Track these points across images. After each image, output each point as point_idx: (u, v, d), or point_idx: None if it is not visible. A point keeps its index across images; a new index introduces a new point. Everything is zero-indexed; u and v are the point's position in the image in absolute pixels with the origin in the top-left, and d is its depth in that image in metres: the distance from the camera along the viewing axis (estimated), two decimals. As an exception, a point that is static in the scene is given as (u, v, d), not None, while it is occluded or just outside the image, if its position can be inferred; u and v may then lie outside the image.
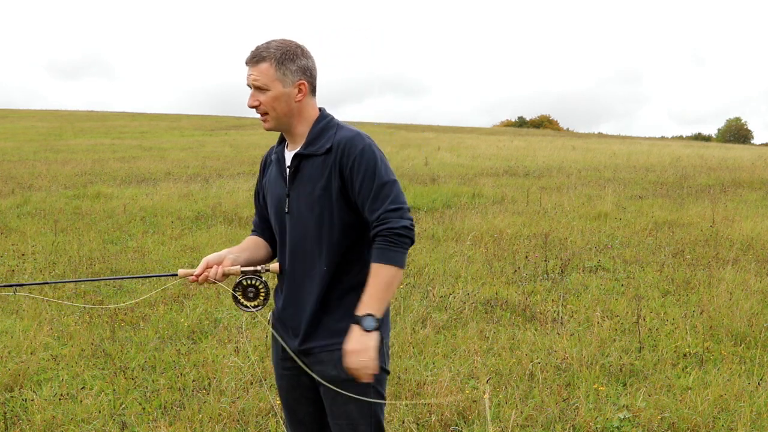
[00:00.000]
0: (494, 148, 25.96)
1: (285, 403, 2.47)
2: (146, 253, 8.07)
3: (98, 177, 16.07)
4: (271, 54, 2.21)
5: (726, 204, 11.63)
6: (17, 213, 10.79)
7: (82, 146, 26.36)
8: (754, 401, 3.96)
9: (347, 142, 2.22)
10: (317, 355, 2.28)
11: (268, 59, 2.21)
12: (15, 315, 5.70)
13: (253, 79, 2.22)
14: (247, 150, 24.62)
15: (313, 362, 2.29)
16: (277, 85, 2.22)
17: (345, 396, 2.21)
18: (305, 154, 2.27)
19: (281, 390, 2.46)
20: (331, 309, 2.28)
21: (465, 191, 13.03)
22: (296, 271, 2.32)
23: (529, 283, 6.67)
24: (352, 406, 2.24)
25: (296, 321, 2.32)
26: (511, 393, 4.09)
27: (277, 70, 2.21)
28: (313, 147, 2.26)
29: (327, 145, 2.24)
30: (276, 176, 2.36)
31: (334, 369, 2.23)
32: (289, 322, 2.35)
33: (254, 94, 2.25)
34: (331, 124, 2.30)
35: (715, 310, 5.56)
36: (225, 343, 4.95)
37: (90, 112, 61.66)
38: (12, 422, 3.78)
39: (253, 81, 2.23)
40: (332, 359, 2.24)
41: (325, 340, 2.27)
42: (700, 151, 28.85)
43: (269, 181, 2.40)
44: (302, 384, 2.38)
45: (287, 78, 2.23)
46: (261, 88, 2.23)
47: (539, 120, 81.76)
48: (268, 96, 2.23)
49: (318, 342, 2.28)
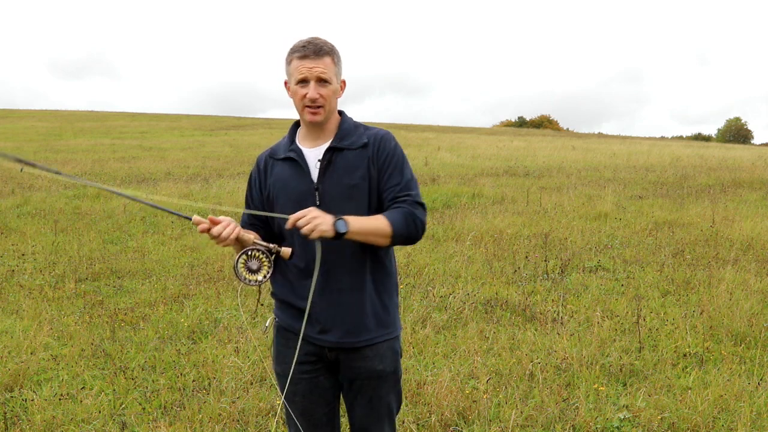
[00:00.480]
0: (494, 148, 25.96)
1: (300, 408, 2.40)
2: (146, 253, 8.07)
3: (98, 177, 16.07)
4: (330, 49, 2.29)
5: (726, 204, 11.63)
6: (17, 213, 10.79)
7: (82, 146, 26.37)
8: (754, 401, 3.96)
9: (383, 138, 2.36)
10: (361, 350, 2.32)
11: (330, 54, 2.29)
12: (15, 315, 5.71)
13: (320, 72, 2.26)
14: (247, 150, 24.62)
15: (354, 358, 2.33)
16: (335, 80, 2.31)
17: (387, 388, 2.39)
18: (340, 147, 2.33)
19: (296, 395, 2.39)
20: (374, 301, 2.34)
21: (465, 191, 13.03)
22: (335, 265, 2.29)
23: (529, 283, 6.67)
24: (392, 396, 2.43)
25: (334, 316, 2.31)
26: (511, 393, 4.09)
27: (335, 66, 2.31)
28: (347, 141, 2.34)
29: (363, 140, 2.34)
30: (293, 173, 2.35)
31: (380, 363, 2.35)
32: (323, 317, 2.31)
33: (316, 87, 2.27)
34: (358, 123, 2.42)
35: (715, 310, 5.56)
36: (225, 343, 4.95)
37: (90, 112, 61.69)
38: (12, 422, 3.78)
39: (320, 73, 2.26)
40: (378, 353, 2.34)
41: (370, 334, 2.33)
42: (700, 151, 28.85)
43: (280, 180, 2.37)
44: (320, 385, 2.39)
45: (339, 74, 2.34)
46: (325, 81, 2.28)
47: (539, 120, 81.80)
48: (328, 89, 2.29)
49: (363, 336, 2.32)
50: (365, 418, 2.41)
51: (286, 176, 2.36)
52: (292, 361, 2.34)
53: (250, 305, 5.91)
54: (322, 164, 2.32)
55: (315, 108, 2.29)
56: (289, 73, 2.33)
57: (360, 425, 2.43)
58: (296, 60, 2.27)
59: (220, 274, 6.97)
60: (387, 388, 2.39)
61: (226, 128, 42.60)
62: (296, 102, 2.32)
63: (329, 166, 2.32)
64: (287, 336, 2.40)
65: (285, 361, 2.38)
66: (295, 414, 2.42)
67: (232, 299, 6.12)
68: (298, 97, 2.30)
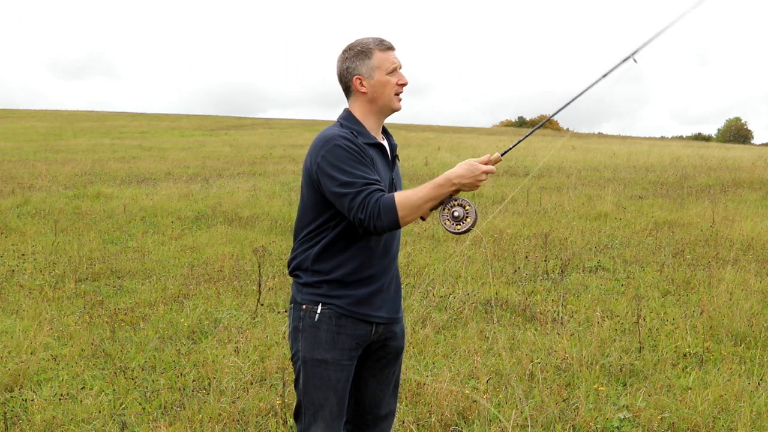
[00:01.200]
0: (494, 148, 25.96)
1: (340, 396, 2.46)
2: (146, 253, 8.07)
3: (98, 177, 16.08)
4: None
5: (726, 204, 11.63)
6: (17, 213, 10.79)
7: (82, 146, 26.37)
8: (754, 401, 3.96)
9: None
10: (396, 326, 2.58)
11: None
12: (15, 315, 5.70)
13: (400, 62, 2.48)
14: (247, 150, 24.63)
15: (389, 338, 2.57)
16: None
17: (400, 362, 2.66)
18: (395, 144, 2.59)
19: (339, 382, 2.45)
20: (398, 276, 2.61)
21: (465, 191, 13.01)
22: (396, 251, 2.56)
23: (529, 283, 6.67)
24: (399, 373, 2.69)
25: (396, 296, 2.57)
26: (511, 393, 4.09)
27: None
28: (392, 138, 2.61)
29: (393, 142, 2.60)
30: (381, 160, 2.48)
31: (402, 341, 2.64)
32: (392, 299, 2.54)
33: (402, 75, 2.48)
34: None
35: (715, 310, 5.56)
36: (225, 343, 4.95)
37: (90, 112, 61.71)
38: (12, 422, 3.77)
39: (401, 63, 2.48)
40: (403, 333, 2.64)
41: (401, 311, 2.63)
42: (700, 151, 28.86)
43: (374, 162, 2.44)
44: (352, 373, 2.51)
45: None
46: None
47: (539, 120, 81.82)
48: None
49: (401, 312, 2.62)
50: (380, 392, 2.62)
51: (377, 160, 2.46)
52: (344, 347, 2.44)
53: (250, 305, 5.91)
54: (392, 156, 2.54)
55: (399, 95, 2.48)
56: (372, 66, 2.42)
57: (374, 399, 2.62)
58: (380, 52, 2.42)
59: (220, 274, 6.97)
60: (400, 366, 2.69)
61: (226, 128, 42.61)
62: (386, 90, 2.44)
63: (395, 159, 2.58)
64: (342, 322, 2.44)
65: (336, 348, 2.44)
66: (332, 403, 2.46)
67: (232, 299, 6.12)
68: (390, 85, 2.44)
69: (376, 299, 2.47)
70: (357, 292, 2.43)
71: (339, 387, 2.46)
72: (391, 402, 2.65)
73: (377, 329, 2.50)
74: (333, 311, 2.42)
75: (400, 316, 2.59)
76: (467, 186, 2.35)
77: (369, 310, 2.46)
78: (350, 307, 2.43)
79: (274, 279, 6.67)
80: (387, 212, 2.26)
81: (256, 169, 18.36)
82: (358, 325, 2.45)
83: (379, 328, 2.50)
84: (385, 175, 2.47)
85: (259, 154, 22.90)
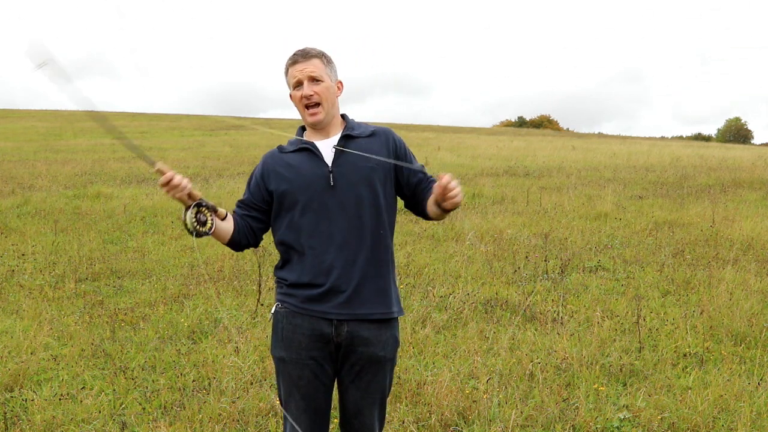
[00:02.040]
0: (494, 148, 25.96)
1: (303, 392, 2.49)
2: (146, 253, 8.07)
3: (98, 177, 16.08)
4: (318, 52, 2.51)
5: (726, 204, 11.63)
6: (17, 213, 10.79)
7: (82, 146, 26.37)
8: (754, 401, 3.96)
9: (389, 130, 2.62)
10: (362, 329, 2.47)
11: (317, 56, 2.50)
12: (15, 315, 5.71)
13: (310, 71, 2.47)
14: (247, 150, 24.62)
15: (358, 343, 2.47)
16: (327, 79, 2.50)
17: (383, 373, 2.54)
18: (353, 135, 2.53)
19: (301, 379, 2.48)
20: (374, 276, 2.48)
21: (465, 191, 13.00)
22: (353, 240, 2.46)
23: (529, 283, 6.67)
24: (387, 383, 2.58)
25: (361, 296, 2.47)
26: (511, 393, 4.09)
27: (325, 66, 2.52)
28: (357, 131, 2.55)
29: (370, 130, 2.57)
30: (305, 159, 2.51)
31: (382, 350, 2.50)
32: (353, 298, 2.46)
33: (310, 85, 2.48)
34: (357, 121, 2.63)
35: (715, 310, 5.56)
36: (225, 343, 4.95)
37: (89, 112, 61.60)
38: (12, 422, 3.77)
39: (311, 72, 2.47)
40: (379, 340, 2.49)
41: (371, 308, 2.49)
42: (700, 151, 28.85)
43: (291, 166, 2.51)
44: (324, 372, 2.50)
45: (333, 75, 2.54)
46: (317, 80, 2.48)
47: (539, 120, 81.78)
48: (321, 86, 2.48)
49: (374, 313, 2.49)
50: (366, 399, 2.54)
51: (297, 162, 2.52)
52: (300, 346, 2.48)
53: (250, 305, 5.91)
54: (337, 149, 2.49)
55: (313, 106, 2.49)
56: (287, 83, 2.54)
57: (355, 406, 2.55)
58: (290, 68, 2.51)
59: (220, 274, 6.97)
60: (383, 375, 2.56)
61: (226, 128, 42.59)
62: (298, 106, 2.52)
63: (344, 151, 2.51)
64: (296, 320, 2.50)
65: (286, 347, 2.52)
66: (298, 399, 2.51)
67: (232, 299, 6.12)
68: (296, 100, 2.50)
69: (330, 297, 2.45)
70: (309, 292, 2.47)
71: (302, 384, 2.48)
72: (373, 415, 2.56)
73: (339, 329, 2.45)
74: (288, 310, 2.50)
75: (369, 313, 2.47)
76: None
77: (321, 307, 2.45)
78: (301, 305, 2.47)
79: (273, 279, 6.66)
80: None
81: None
82: (314, 322, 2.45)
83: (341, 328, 2.45)
84: (313, 171, 2.48)
85: (259, 154, 22.79)
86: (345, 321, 2.45)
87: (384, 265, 2.51)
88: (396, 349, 2.57)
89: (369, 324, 2.47)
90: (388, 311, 2.51)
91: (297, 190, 2.48)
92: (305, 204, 2.47)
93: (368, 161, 2.48)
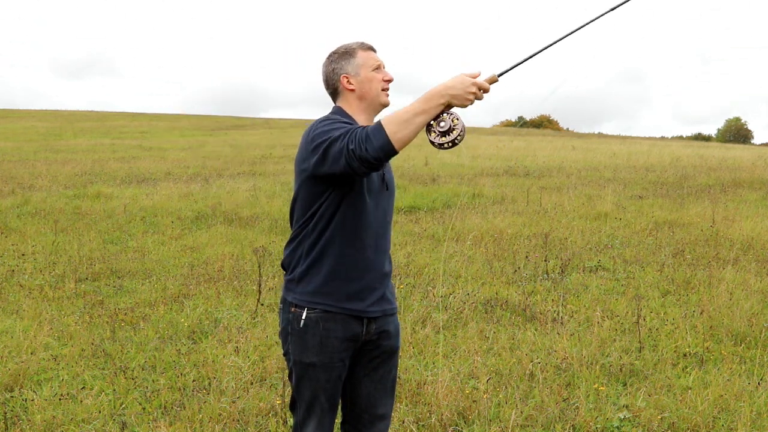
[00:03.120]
0: (494, 148, 25.96)
1: (328, 394, 2.49)
2: (146, 253, 8.07)
3: (98, 177, 16.08)
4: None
5: (726, 204, 11.63)
6: (17, 213, 10.79)
7: (82, 146, 26.38)
8: (754, 401, 3.96)
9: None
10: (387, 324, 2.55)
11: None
12: (15, 315, 5.70)
13: (383, 62, 2.55)
14: (247, 150, 24.63)
15: (383, 337, 2.54)
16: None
17: (396, 362, 2.63)
18: None
19: (328, 382, 2.46)
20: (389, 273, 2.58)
21: (465, 191, 13.03)
22: (385, 244, 2.54)
23: (529, 283, 6.67)
24: (396, 372, 2.67)
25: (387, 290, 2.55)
26: (511, 393, 4.09)
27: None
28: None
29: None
30: None
31: (397, 341, 2.62)
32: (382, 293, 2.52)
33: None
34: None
35: (715, 310, 5.56)
36: (225, 343, 4.95)
37: (90, 112, 61.72)
38: (12, 422, 3.77)
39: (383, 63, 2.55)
40: (397, 332, 2.61)
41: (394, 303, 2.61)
42: (700, 151, 28.85)
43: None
44: (345, 370, 2.52)
45: None
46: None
47: (539, 120, 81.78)
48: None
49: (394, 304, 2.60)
50: (375, 391, 2.59)
51: None
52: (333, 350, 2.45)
53: (250, 305, 5.91)
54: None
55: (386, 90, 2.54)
56: (357, 64, 2.50)
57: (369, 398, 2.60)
58: (363, 51, 2.52)
59: (220, 274, 6.97)
60: (396, 366, 2.66)
61: (226, 128, 42.62)
62: (373, 86, 2.50)
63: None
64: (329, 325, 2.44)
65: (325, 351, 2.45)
66: (323, 400, 2.50)
67: (232, 299, 6.12)
68: (376, 80, 2.50)
69: (366, 294, 2.45)
70: (346, 288, 2.43)
71: (329, 386, 2.48)
72: (387, 403, 2.63)
73: (369, 327, 2.48)
74: (319, 315, 2.42)
75: (393, 308, 2.57)
76: (457, 98, 2.27)
77: (359, 306, 2.45)
78: (339, 304, 2.42)
79: (274, 279, 6.67)
80: (375, 131, 2.21)
81: (256, 169, 18.36)
82: (347, 324, 2.44)
83: (371, 326, 2.49)
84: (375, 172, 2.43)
85: (259, 154, 22.90)
86: (375, 318, 2.52)
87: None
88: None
89: (391, 317, 2.59)
90: (396, 305, 2.63)
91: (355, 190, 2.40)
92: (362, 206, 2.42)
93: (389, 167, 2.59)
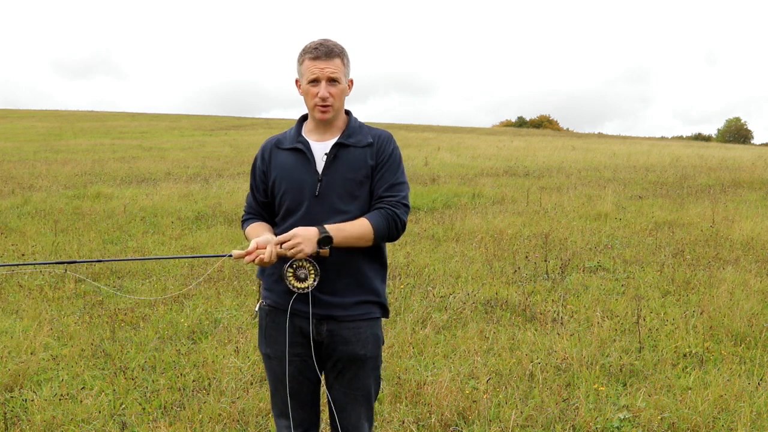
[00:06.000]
0: (494, 148, 25.95)
1: (290, 388, 2.52)
2: (146, 253, 8.07)
3: (98, 177, 16.07)
4: (340, 50, 2.46)
5: (726, 204, 11.63)
6: (17, 213, 10.79)
7: (82, 146, 26.37)
8: (754, 401, 3.96)
9: (386, 138, 2.54)
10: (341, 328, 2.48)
11: (340, 55, 2.45)
12: (15, 315, 5.70)
13: (331, 72, 2.42)
14: (247, 150, 24.61)
15: (337, 341, 2.48)
16: (343, 80, 2.47)
17: (366, 371, 2.54)
18: (346, 144, 2.49)
19: (284, 375, 2.51)
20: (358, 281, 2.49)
21: (465, 191, 13.03)
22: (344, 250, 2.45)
23: (529, 283, 6.67)
24: (371, 381, 2.57)
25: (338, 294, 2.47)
26: (511, 393, 4.09)
27: (345, 66, 2.48)
28: (353, 139, 2.50)
29: (368, 140, 2.51)
30: (298, 162, 2.50)
31: (362, 349, 2.50)
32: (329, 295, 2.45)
33: (327, 87, 2.43)
34: (362, 123, 2.59)
35: (715, 310, 5.56)
36: (225, 343, 4.95)
37: (90, 112, 61.71)
38: (12, 422, 3.78)
39: (331, 74, 2.42)
40: (359, 339, 2.49)
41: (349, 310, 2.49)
42: (700, 151, 28.85)
43: (284, 169, 2.51)
44: (308, 367, 2.53)
45: (348, 74, 2.51)
46: (335, 81, 2.44)
47: (539, 120, 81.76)
48: (338, 89, 2.45)
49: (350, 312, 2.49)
50: (348, 395, 2.54)
51: (291, 165, 2.50)
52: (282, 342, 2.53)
53: (250, 305, 5.90)
54: (328, 157, 2.46)
55: (325, 107, 2.44)
56: (300, 73, 2.48)
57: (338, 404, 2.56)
58: (308, 60, 2.43)
59: (220, 274, 6.97)
60: (366, 373, 2.55)
61: (226, 128, 42.59)
62: (307, 100, 2.48)
63: (335, 159, 2.47)
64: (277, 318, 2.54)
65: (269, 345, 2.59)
66: (284, 395, 2.55)
67: (232, 299, 6.12)
68: (309, 95, 2.45)
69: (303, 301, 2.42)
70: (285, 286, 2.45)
71: (289, 380, 2.51)
72: (359, 413, 2.55)
73: (319, 328, 2.47)
74: (269, 307, 2.55)
75: (349, 315, 2.47)
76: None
77: (301, 306, 2.42)
78: (280, 299, 2.48)
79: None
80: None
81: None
82: (293, 319, 2.44)
83: (321, 326, 2.47)
84: (302, 177, 2.46)
85: (259, 154, 22.86)
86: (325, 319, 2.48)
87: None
88: (378, 348, 2.57)
89: (349, 323, 2.49)
90: (367, 311, 2.51)
91: (286, 193, 2.48)
92: (290, 209, 2.48)
93: (357, 174, 2.45)
